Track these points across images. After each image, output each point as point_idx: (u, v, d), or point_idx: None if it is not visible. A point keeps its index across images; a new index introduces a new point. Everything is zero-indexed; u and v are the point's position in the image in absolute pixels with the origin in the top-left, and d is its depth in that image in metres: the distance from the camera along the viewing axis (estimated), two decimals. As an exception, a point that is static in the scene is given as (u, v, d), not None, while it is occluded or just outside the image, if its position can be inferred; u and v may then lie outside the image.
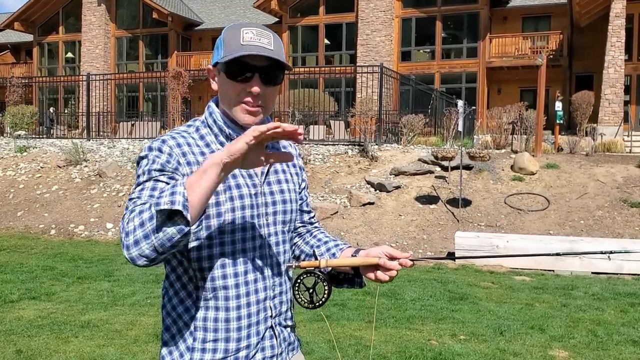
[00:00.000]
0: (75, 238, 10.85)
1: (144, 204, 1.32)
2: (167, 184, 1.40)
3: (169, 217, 1.27)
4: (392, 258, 1.52)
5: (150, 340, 4.90)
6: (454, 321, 5.60)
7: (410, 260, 1.52)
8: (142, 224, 1.29)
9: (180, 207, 1.25)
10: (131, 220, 1.31)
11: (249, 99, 1.49)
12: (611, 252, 1.63)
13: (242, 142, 1.27)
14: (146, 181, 1.41)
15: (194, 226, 1.31)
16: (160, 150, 1.46)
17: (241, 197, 1.51)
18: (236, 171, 1.52)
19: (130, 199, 1.39)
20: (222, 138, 1.54)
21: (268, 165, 1.58)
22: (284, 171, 1.64)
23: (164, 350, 1.55)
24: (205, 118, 1.58)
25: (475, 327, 5.41)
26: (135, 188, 1.42)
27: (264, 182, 1.57)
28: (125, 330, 5.15)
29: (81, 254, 9.07)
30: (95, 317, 5.55)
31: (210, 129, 1.56)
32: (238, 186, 1.52)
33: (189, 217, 1.27)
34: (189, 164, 1.47)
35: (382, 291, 6.77)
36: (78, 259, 8.72)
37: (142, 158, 1.47)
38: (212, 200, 1.46)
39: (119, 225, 1.40)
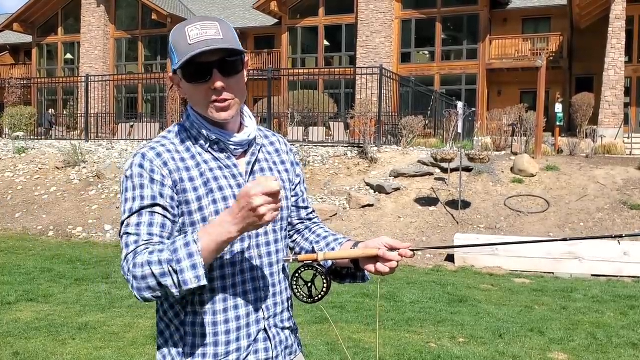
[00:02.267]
0: (73, 240, 10.83)
1: (152, 252, 1.35)
2: (163, 215, 1.42)
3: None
4: (391, 249, 1.49)
5: (147, 342, 4.87)
6: (453, 324, 5.58)
7: (411, 250, 1.48)
8: (152, 275, 1.32)
9: (204, 282, 1.31)
10: (142, 267, 1.33)
11: (215, 96, 1.46)
12: (621, 237, 1.60)
13: (255, 222, 1.30)
14: (139, 210, 1.42)
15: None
16: (142, 167, 1.45)
17: (225, 199, 1.48)
18: (218, 173, 1.50)
19: (127, 233, 1.41)
20: (202, 141, 1.51)
21: (252, 163, 1.56)
22: (270, 169, 1.61)
23: (159, 355, 1.54)
24: (184, 122, 1.57)
25: (475, 329, 5.39)
26: (128, 216, 1.42)
27: (249, 181, 1.54)
28: (123, 333, 5.12)
29: (79, 256, 9.04)
30: (93, 319, 5.53)
31: (189, 132, 1.54)
32: (220, 188, 1.49)
33: (204, 283, 1.33)
34: (170, 172, 1.46)
35: (381, 293, 6.74)
36: (76, 260, 8.69)
37: (127, 178, 1.47)
38: (195, 206, 1.46)
39: (123, 255, 1.41)
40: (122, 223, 1.43)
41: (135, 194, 1.43)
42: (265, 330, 1.53)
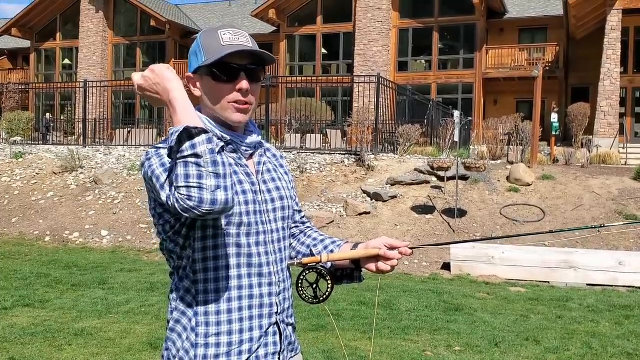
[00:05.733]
0: (70, 245, 10.81)
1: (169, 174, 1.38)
2: None
3: (192, 144, 1.32)
4: (391, 248, 1.56)
5: (144, 348, 4.87)
6: (449, 332, 5.59)
7: (410, 248, 1.57)
8: (186, 175, 1.32)
9: (183, 126, 1.33)
10: (177, 186, 1.32)
11: (238, 97, 1.52)
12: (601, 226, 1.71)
13: (157, 68, 1.43)
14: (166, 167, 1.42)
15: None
16: (159, 156, 1.47)
17: (244, 192, 1.53)
18: (237, 169, 1.55)
19: (158, 178, 1.41)
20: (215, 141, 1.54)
21: (261, 164, 1.62)
22: (275, 170, 1.67)
23: (172, 351, 1.53)
24: None
25: (471, 338, 5.41)
26: (165, 177, 1.41)
27: (259, 181, 1.59)
28: (119, 339, 5.12)
29: (76, 261, 9.03)
30: (89, 325, 5.52)
31: None
32: (240, 182, 1.54)
33: (199, 124, 1.35)
34: None
35: (377, 301, 6.75)
36: (72, 266, 8.68)
37: (157, 155, 1.46)
38: None
39: (172, 204, 1.36)
40: (162, 186, 1.41)
41: (160, 162, 1.44)
42: (276, 324, 1.57)
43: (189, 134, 1.33)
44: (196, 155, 1.31)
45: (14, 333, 5.18)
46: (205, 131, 1.34)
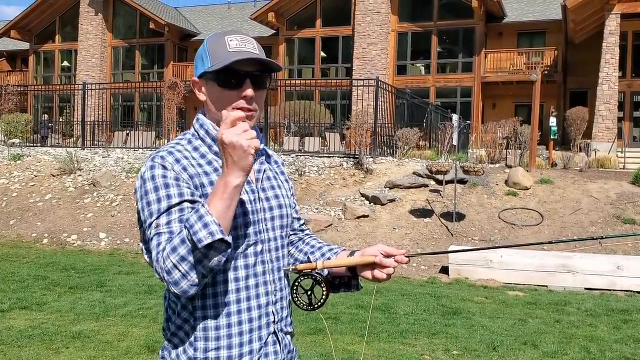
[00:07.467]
0: (68, 248, 10.79)
1: (175, 234, 1.37)
2: (190, 202, 1.42)
3: (210, 246, 1.32)
4: (388, 256, 1.55)
5: (141, 352, 4.86)
6: (448, 336, 5.59)
7: (406, 256, 1.55)
8: (183, 259, 1.34)
9: (220, 236, 1.32)
10: (169, 257, 1.35)
11: (243, 104, 1.50)
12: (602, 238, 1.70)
13: (249, 157, 1.34)
14: (167, 210, 1.41)
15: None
16: (164, 169, 1.46)
17: (242, 203, 1.50)
18: None
19: (158, 233, 1.40)
20: (216, 148, 1.52)
21: (262, 172, 1.60)
22: (275, 177, 1.66)
23: None
24: (196, 130, 1.57)
25: (469, 342, 5.40)
26: (157, 217, 1.41)
27: (260, 188, 1.58)
28: (117, 342, 5.11)
29: (73, 264, 9.01)
30: (87, 328, 5.51)
31: (203, 140, 1.55)
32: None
33: (230, 240, 1.34)
34: (191, 177, 1.47)
35: (375, 305, 6.75)
36: (70, 268, 8.66)
37: (147, 180, 1.46)
38: None
39: (153, 257, 1.44)
40: (150, 225, 1.42)
41: (160, 195, 1.43)
42: (275, 333, 1.56)
43: (218, 239, 1.33)
44: (205, 256, 1.34)
45: (11, 336, 5.16)
46: (229, 245, 1.36)
